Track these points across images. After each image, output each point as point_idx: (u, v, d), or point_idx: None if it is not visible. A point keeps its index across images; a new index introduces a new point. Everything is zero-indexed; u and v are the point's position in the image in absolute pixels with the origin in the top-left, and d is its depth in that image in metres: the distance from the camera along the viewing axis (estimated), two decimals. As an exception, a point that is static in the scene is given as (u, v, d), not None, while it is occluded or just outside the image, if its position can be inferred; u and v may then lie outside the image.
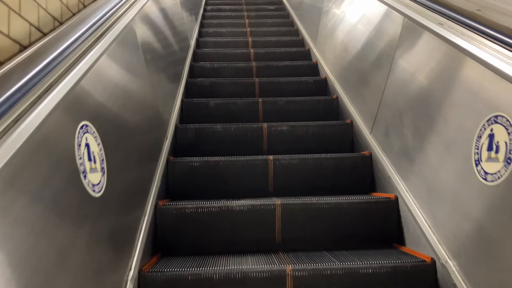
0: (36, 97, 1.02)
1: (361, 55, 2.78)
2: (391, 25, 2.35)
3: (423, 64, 1.93)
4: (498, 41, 1.44)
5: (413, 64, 2.03)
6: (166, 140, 2.33)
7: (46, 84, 1.08)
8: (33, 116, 0.96)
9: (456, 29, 1.69)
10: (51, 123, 1.03)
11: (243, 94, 3.23)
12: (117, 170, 1.48)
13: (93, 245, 1.20)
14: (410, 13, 2.09)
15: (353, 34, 3.06)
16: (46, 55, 1.17)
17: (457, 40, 1.62)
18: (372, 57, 2.57)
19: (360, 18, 2.98)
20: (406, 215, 1.84)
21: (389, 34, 2.33)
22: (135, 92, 1.88)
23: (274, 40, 4.56)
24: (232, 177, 2.28)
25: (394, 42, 2.21)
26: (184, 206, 1.91)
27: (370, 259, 1.65)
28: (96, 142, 1.25)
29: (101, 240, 1.27)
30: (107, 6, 1.72)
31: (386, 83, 2.23)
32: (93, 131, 1.25)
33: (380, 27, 2.55)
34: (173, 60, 3.04)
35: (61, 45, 1.26)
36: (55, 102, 1.05)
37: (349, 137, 2.65)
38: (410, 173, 1.87)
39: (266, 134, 2.61)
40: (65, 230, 1.03)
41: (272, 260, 1.69)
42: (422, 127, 1.80)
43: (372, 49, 2.59)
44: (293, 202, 1.94)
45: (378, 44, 2.50)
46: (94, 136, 1.25)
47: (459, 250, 1.45)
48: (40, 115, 0.99)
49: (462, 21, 1.69)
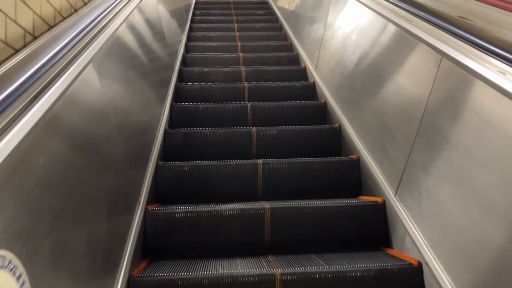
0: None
1: (384, 98, 2.20)
2: (423, 65, 1.84)
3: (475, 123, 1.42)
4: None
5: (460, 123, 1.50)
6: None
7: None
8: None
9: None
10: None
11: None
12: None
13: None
14: (452, 53, 1.56)
15: (371, 70, 2.45)
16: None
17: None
18: (399, 103, 2.04)
19: (381, 54, 2.37)
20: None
21: (421, 76, 1.83)
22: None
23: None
24: (222, 181, 2.29)
25: (427, 88, 1.70)
26: (174, 211, 1.92)
27: (358, 262, 1.67)
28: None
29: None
30: (91, 15, 1.66)
31: (416, 137, 1.76)
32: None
33: (406, 65, 2.05)
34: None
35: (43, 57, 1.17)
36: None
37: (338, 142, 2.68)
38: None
39: (255, 139, 2.62)
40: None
41: (262, 264, 1.71)
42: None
43: (399, 94, 2.06)
44: (282, 206, 1.96)
45: (406, 86, 2.00)
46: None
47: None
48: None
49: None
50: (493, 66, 1.36)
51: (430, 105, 1.68)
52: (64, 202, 1.10)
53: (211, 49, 4.49)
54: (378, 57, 2.38)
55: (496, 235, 1.24)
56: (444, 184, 1.53)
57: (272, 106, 3.03)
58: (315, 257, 1.78)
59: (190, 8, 5.84)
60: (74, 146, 1.23)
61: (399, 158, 1.89)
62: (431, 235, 1.58)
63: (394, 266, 1.62)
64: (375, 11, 2.46)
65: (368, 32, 2.60)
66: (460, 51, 1.51)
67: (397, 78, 2.11)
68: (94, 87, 1.49)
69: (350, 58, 2.79)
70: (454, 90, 1.57)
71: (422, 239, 1.62)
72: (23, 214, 0.89)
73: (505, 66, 1.32)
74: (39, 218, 0.96)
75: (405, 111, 1.94)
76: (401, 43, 2.11)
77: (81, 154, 1.28)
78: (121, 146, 1.74)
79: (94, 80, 1.48)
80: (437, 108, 1.65)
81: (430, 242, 1.58)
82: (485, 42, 1.45)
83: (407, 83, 2.02)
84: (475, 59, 1.43)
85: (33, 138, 0.95)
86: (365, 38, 2.61)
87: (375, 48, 2.43)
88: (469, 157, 1.42)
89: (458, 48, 1.54)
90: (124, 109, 1.87)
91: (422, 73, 1.82)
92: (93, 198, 1.33)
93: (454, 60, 1.54)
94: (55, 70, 1.17)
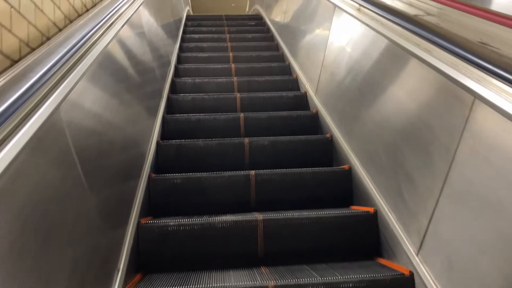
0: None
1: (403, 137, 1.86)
2: (451, 104, 1.51)
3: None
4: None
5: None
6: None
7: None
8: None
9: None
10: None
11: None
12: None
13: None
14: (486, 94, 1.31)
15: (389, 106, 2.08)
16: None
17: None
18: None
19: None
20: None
21: (448, 115, 1.52)
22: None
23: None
24: (215, 192, 2.30)
25: (458, 129, 1.43)
26: (166, 224, 1.92)
27: (350, 272, 1.68)
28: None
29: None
30: (82, 31, 1.63)
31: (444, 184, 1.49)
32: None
33: (430, 103, 1.70)
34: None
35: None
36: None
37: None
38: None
39: (248, 150, 2.64)
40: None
41: (255, 276, 1.71)
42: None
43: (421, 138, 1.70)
44: (275, 217, 1.97)
45: (431, 124, 1.63)
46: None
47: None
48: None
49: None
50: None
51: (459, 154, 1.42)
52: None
53: (203, 60, 4.52)
54: (388, 86, 2.09)
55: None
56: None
57: (264, 116, 3.05)
58: (307, 268, 1.78)
59: (181, 24, 5.82)
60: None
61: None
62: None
63: (386, 276, 1.63)
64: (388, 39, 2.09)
65: (369, 53, 2.36)
66: (495, 91, 1.27)
67: (410, 110, 1.83)
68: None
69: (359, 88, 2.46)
70: (486, 136, 1.33)
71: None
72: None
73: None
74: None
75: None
76: (422, 78, 1.76)
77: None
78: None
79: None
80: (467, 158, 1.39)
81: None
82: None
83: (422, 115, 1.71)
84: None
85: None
86: (368, 60, 2.35)
87: (386, 80, 2.11)
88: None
89: (492, 87, 1.29)
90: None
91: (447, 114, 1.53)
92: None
93: (489, 103, 1.28)
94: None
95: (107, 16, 1.93)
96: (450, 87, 1.49)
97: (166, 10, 4.50)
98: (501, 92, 1.25)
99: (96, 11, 2.03)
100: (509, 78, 1.24)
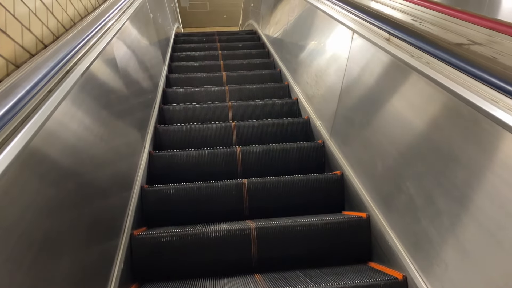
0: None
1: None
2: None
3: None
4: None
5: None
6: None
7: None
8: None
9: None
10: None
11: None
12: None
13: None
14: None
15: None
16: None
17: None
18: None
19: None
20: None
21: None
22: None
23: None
24: (208, 202, 2.30)
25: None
26: (160, 235, 1.92)
27: (344, 278, 1.68)
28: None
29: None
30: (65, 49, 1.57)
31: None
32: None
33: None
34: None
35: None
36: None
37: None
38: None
39: (240, 158, 2.65)
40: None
41: (249, 285, 1.71)
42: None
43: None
44: (268, 225, 1.97)
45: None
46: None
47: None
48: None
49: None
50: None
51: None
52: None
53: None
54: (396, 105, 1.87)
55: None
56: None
57: (256, 124, 3.06)
58: (301, 275, 1.79)
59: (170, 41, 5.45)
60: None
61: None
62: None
63: (379, 281, 1.64)
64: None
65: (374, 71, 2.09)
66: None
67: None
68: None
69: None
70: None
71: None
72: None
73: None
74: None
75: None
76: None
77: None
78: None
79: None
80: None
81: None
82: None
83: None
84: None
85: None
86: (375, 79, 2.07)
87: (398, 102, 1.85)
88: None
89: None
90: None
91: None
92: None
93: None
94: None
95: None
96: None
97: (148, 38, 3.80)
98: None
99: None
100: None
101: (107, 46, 2.05)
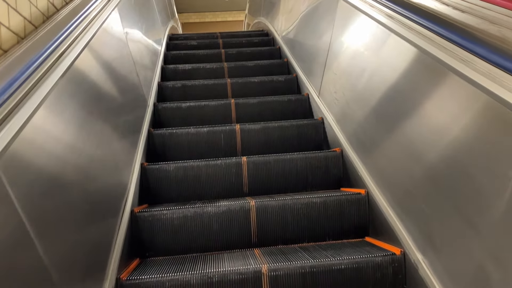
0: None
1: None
2: None
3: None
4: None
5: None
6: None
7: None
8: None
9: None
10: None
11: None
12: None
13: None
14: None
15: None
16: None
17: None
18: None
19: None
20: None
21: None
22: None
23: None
24: (208, 179, 2.31)
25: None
26: (160, 212, 1.93)
27: (342, 254, 1.71)
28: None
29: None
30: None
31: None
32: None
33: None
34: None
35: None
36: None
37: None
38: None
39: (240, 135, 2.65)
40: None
41: (248, 260, 1.74)
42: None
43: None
44: (267, 202, 1.99)
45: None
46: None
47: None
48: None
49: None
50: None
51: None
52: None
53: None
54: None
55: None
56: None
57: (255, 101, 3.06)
58: (299, 250, 1.81)
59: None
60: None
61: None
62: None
63: (377, 256, 1.66)
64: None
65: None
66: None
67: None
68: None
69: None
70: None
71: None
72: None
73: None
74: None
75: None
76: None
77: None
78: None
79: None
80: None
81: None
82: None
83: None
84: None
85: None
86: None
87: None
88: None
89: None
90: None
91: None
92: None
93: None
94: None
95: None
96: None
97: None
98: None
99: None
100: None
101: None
